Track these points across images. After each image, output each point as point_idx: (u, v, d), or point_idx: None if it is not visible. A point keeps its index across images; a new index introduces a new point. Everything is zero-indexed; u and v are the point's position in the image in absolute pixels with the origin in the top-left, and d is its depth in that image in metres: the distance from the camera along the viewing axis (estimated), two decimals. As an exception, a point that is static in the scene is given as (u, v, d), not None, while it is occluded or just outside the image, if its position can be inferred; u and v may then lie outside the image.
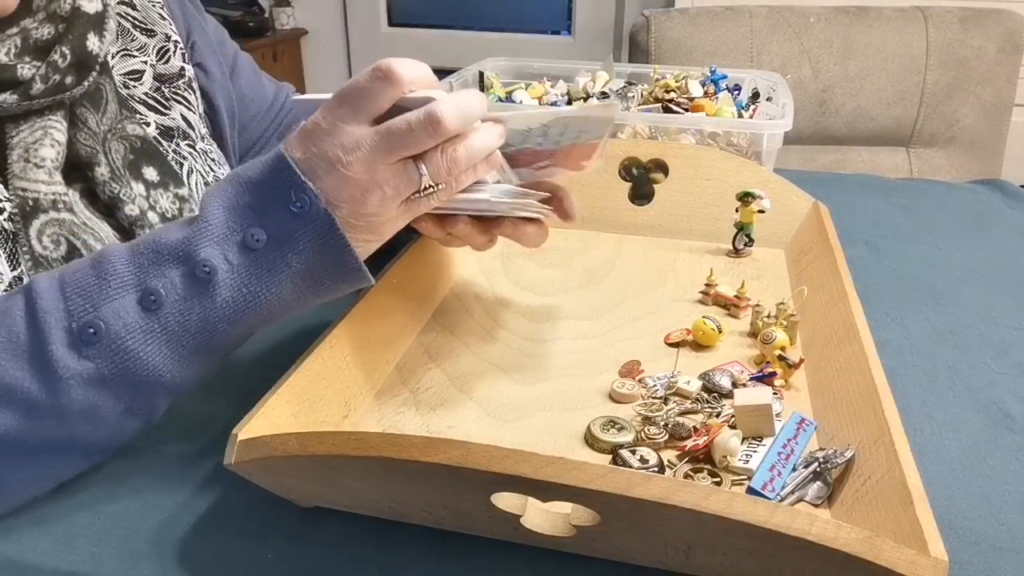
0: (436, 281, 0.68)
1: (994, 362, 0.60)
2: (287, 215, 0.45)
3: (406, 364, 0.58)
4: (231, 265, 0.44)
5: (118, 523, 0.44)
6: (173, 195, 0.63)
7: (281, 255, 0.45)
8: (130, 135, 0.61)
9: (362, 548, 0.42)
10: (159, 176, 0.62)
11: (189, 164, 0.67)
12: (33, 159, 0.54)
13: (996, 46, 1.49)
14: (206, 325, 0.45)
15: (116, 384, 0.44)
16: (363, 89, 0.46)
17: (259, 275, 0.45)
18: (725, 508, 0.32)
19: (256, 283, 0.45)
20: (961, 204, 0.96)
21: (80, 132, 0.58)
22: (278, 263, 0.45)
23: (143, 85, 0.66)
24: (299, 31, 2.78)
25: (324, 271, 0.46)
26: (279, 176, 0.45)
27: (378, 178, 0.45)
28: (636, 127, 0.88)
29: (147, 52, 0.67)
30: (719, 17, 1.52)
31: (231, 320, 0.45)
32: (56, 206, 0.54)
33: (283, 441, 0.38)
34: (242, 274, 0.45)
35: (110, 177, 0.58)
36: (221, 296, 0.44)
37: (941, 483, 0.47)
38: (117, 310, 0.43)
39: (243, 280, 0.45)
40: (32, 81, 0.53)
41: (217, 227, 0.45)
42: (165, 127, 0.66)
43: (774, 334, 0.57)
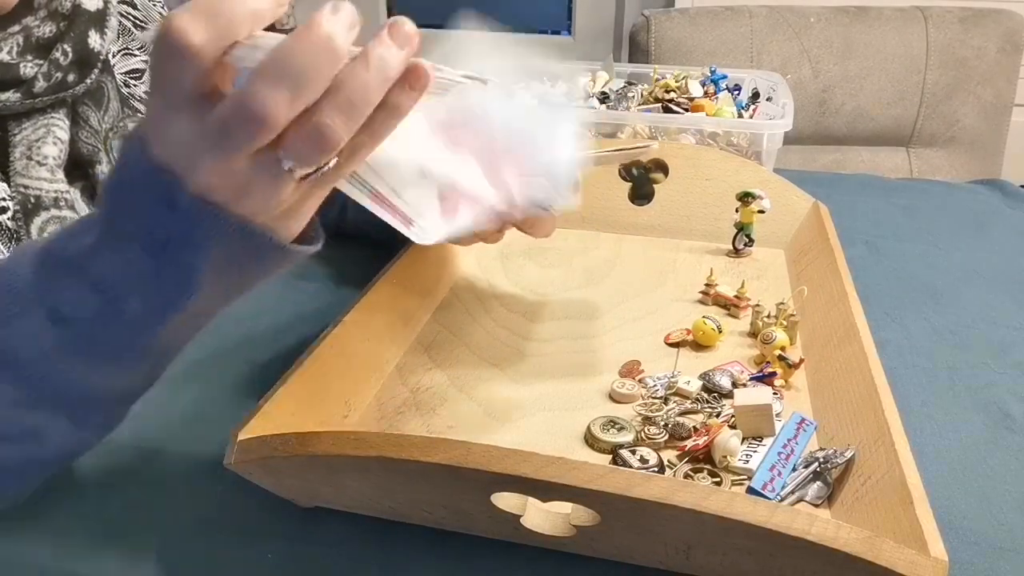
0: (436, 281, 0.68)
1: (994, 362, 0.60)
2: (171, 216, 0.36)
3: (406, 364, 0.58)
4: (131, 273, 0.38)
5: (118, 523, 0.44)
6: None
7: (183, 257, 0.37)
8: None
9: (362, 548, 0.42)
10: None
11: None
12: (36, 157, 0.54)
13: (996, 46, 1.49)
14: (124, 334, 0.39)
15: (46, 404, 0.39)
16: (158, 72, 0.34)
17: (166, 280, 0.38)
18: (725, 508, 0.32)
19: (165, 288, 0.38)
20: (961, 204, 0.96)
21: (82, 130, 0.58)
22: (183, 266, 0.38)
23: (144, 84, 0.67)
24: (299, 31, 2.78)
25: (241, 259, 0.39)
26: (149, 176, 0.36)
27: (239, 177, 0.35)
28: (636, 127, 0.88)
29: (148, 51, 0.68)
30: (719, 17, 1.52)
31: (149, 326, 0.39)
32: (58, 204, 0.55)
33: (283, 441, 0.38)
34: (148, 281, 0.38)
35: None
36: (131, 306, 0.38)
37: (941, 483, 0.47)
38: (26, 330, 0.38)
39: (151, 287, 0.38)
40: (35, 79, 0.53)
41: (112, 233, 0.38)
42: None
43: (774, 334, 0.57)
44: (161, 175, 0.35)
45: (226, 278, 0.40)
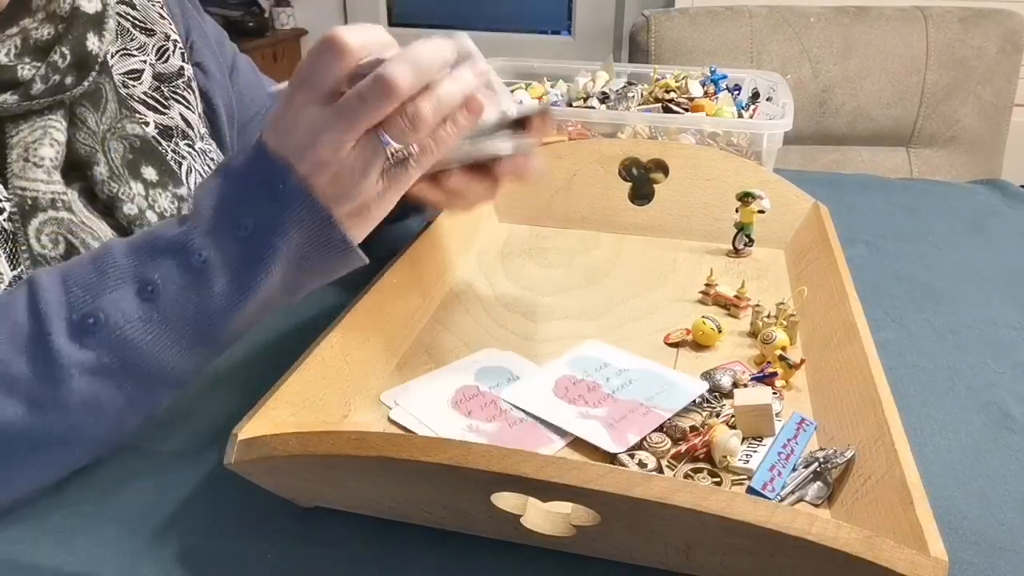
0: (436, 281, 0.68)
1: (994, 362, 0.60)
2: (268, 201, 0.45)
3: (406, 364, 0.58)
4: (224, 254, 0.45)
5: (118, 523, 0.44)
6: (172, 195, 0.63)
7: (268, 241, 0.45)
8: (129, 134, 0.62)
9: (362, 548, 0.42)
10: (158, 176, 0.62)
11: (188, 163, 0.67)
12: (32, 158, 0.54)
13: (996, 46, 1.49)
14: (204, 313, 0.45)
15: (117, 374, 0.44)
16: (313, 66, 0.44)
17: (250, 262, 0.45)
18: (725, 508, 0.32)
19: (249, 270, 0.45)
20: (961, 204, 0.96)
21: (79, 132, 0.58)
22: (266, 249, 0.45)
23: (142, 84, 0.66)
24: (299, 31, 2.78)
25: (313, 252, 0.46)
26: (258, 164, 0.45)
27: (344, 157, 0.44)
28: (636, 127, 0.88)
29: (146, 51, 0.68)
30: (719, 17, 1.52)
31: (227, 307, 0.45)
32: (55, 205, 0.55)
33: (283, 441, 0.38)
34: (235, 262, 0.45)
35: (108, 176, 0.58)
36: (217, 285, 0.45)
37: (941, 483, 0.47)
38: (116, 301, 0.44)
39: (236, 268, 0.45)
40: (32, 81, 0.53)
41: (208, 219, 0.45)
42: (164, 126, 0.67)
43: (774, 334, 0.57)
44: (271, 161, 0.45)
45: (295, 269, 0.46)
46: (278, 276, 0.46)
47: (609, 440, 0.48)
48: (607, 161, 0.81)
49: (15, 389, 0.42)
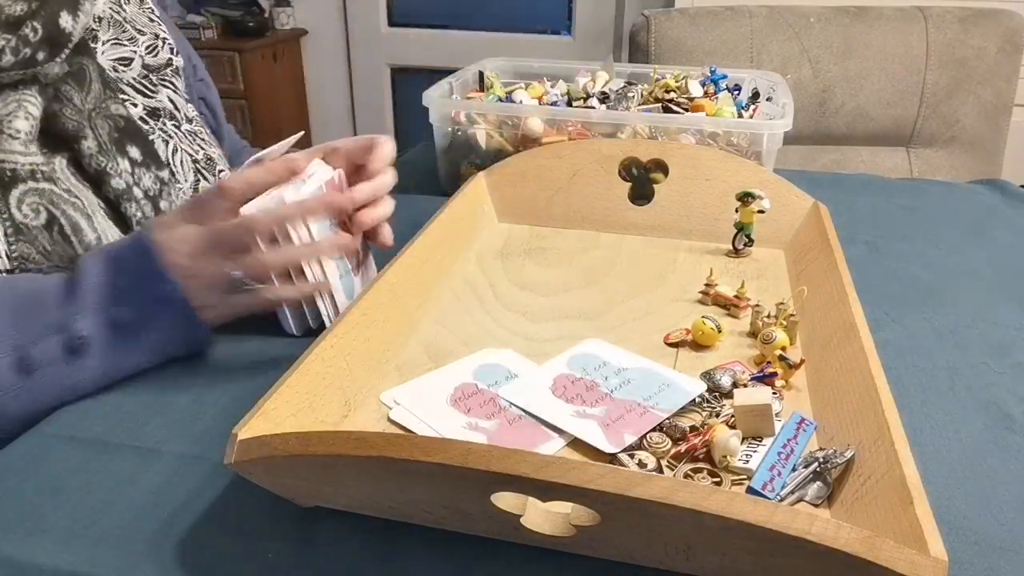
0: (436, 281, 0.68)
1: (994, 362, 0.60)
2: (152, 302, 0.54)
3: (406, 364, 0.58)
4: (101, 339, 0.53)
5: (118, 523, 0.44)
6: (154, 176, 0.66)
7: (144, 333, 0.54)
8: (114, 114, 0.64)
9: (362, 548, 0.42)
10: (142, 156, 0.65)
11: (175, 143, 0.70)
12: (7, 130, 0.57)
13: (996, 46, 1.49)
14: (69, 386, 0.53)
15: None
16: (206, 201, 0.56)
17: (123, 348, 0.54)
18: (725, 508, 0.32)
19: (121, 355, 0.54)
20: (961, 204, 0.96)
21: (66, 108, 0.60)
22: (141, 340, 0.54)
23: (132, 71, 0.69)
24: (299, 31, 2.78)
25: (177, 343, 0.57)
26: (147, 264, 0.54)
27: (196, 269, 0.54)
28: (636, 127, 0.88)
29: (136, 44, 0.71)
30: (719, 17, 1.52)
31: (93, 382, 0.53)
32: (35, 176, 0.58)
33: (283, 441, 0.38)
34: (108, 346, 0.53)
35: (97, 151, 0.61)
36: (89, 363, 0.52)
37: (941, 483, 0.47)
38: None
39: (108, 351, 0.53)
40: (2, 52, 0.55)
41: (92, 302, 0.53)
42: (152, 108, 0.70)
43: (774, 334, 0.57)
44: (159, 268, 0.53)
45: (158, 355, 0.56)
46: (143, 360, 0.56)
47: (604, 440, 0.48)
48: (607, 161, 0.81)
49: None
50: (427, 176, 1.01)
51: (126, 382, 0.56)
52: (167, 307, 0.54)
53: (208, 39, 2.54)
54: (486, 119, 0.92)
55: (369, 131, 2.94)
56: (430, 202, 0.79)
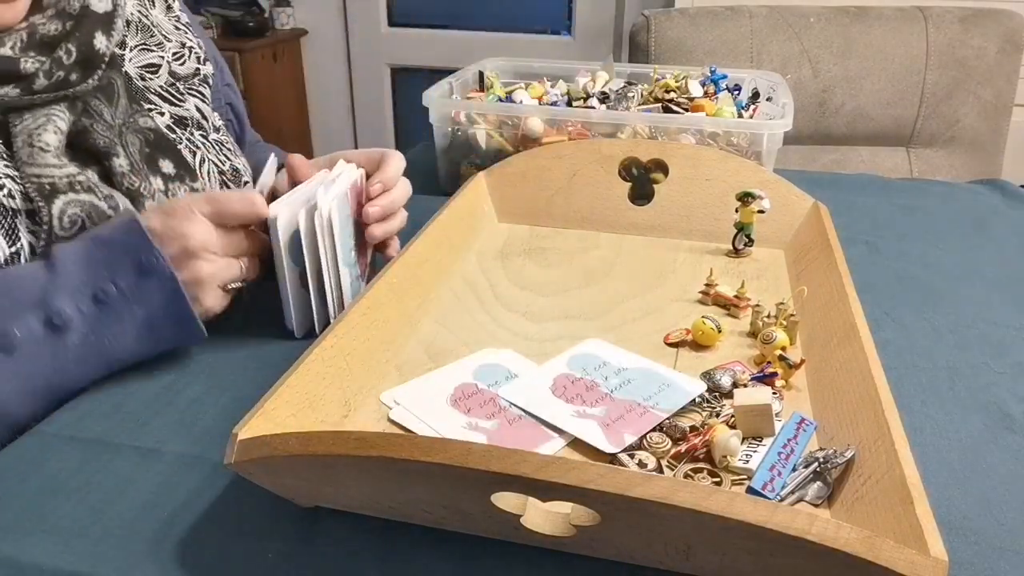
0: (436, 281, 0.68)
1: (994, 362, 0.60)
2: (135, 272, 0.52)
3: (406, 364, 0.58)
4: (83, 314, 0.51)
5: (118, 523, 0.44)
6: (189, 188, 0.65)
7: (127, 308, 0.52)
8: (143, 128, 0.63)
9: (362, 548, 0.42)
10: (175, 169, 0.64)
11: (202, 154, 0.69)
12: (37, 144, 0.55)
13: (996, 46, 1.49)
14: (56, 366, 0.51)
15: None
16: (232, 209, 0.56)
17: (106, 324, 0.52)
18: (725, 508, 0.32)
19: (103, 331, 0.52)
20: (961, 204, 0.96)
21: (97, 123, 0.59)
22: (124, 315, 0.52)
23: (159, 78, 0.68)
24: (299, 31, 2.78)
25: (164, 323, 0.54)
26: (131, 238, 0.52)
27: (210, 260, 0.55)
28: (636, 127, 0.88)
29: (164, 50, 0.70)
30: (719, 17, 1.52)
31: (77, 363, 0.52)
32: (74, 187, 0.56)
33: (283, 441, 0.38)
34: (92, 322, 0.51)
35: (129, 170, 0.60)
36: (72, 341, 0.51)
37: (941, 483, 0.47)
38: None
39: (92, 327, 0.51)
40: (35, 76, 0.54)
41: (71, 279, 0.51)
42: (179, 117, 0.68)
43: (774, 334, 0.57)
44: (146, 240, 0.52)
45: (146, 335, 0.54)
46: (130, 339, 0.53)
47: (604, 440, 0.48)
48: (607, 161, 0.81)
49: None
50: (427, 176, 1.01)
51: (126, 382, 0.56)
52: (150, 277, 0.52)
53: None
54: (486, 119, 0.92)
55: (369, 131, 2.94)
56: (430, 202, 0.79)
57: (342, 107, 2.89)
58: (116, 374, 0.57)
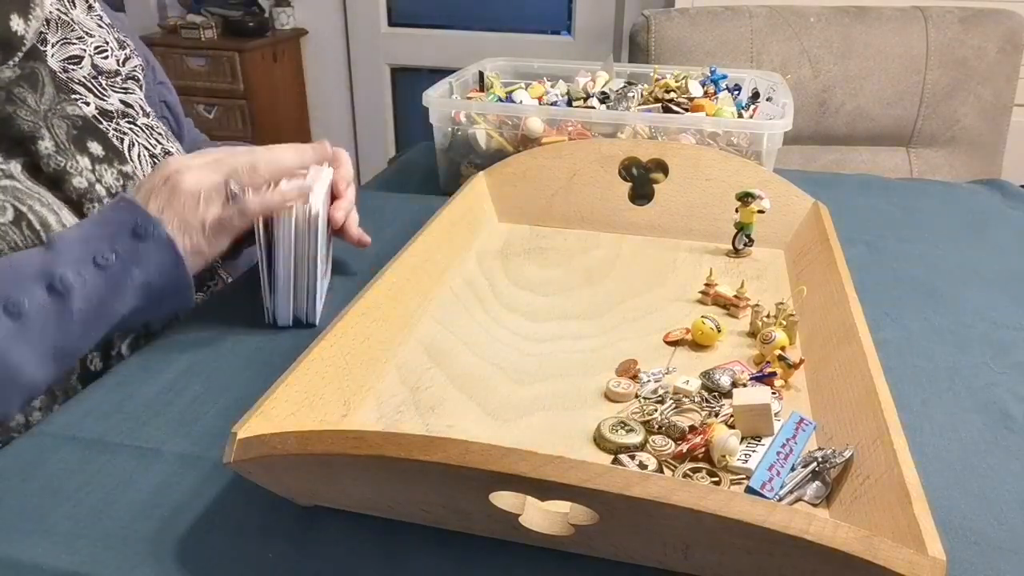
0: (436, 281, 0.68)
1: (994, 362, 0.60)
2: (130, 238, 0.55)
3: (406, 364, 0.58)
4: (84, 279, 0.53)
5: (118, 523, 0.44)
6: (117, 171, 0.65)
7: (126, 271, 0.55)
8: (70, 115, 0.64)
9: (362, 548, 0.42)
10: (103, 151, 0.65)
11: (130, 139, 0.69)
12: None
13: (996, 46, 1.49)
14: (62, 329, 0.53)
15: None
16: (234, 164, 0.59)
17: (107, 287, 0.54)
18: (723, 507, 0.32)
19: (104, 294, 0.54)
20: (961, 204, 0.96)
21: (20, 109, 0.60)
22: (123, 278, 0.55)
23: (82, 69, 0.69)
24: (299, 31, 2.78)
25: (161, 285, 0.57)
26: (125, 211, 0.56)
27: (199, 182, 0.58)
28: (636, 127, 0.88)
29: (86, 43, 0.70)
30: (719, 17, 1.52)
31: (82, 325, 0.54)
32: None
33: (282, 440, 0.38)
34: (92, 287, 0.53)
35: (55, 150, 0.60)
36: (76, 305, 0.53)
37: (941, 483, 0.47)
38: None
39: (94, 290, 0.54)
40: None
41: (72, 251, 0.54)
42: (103, 109, 0.69)
43: (773, 334, 0.57)
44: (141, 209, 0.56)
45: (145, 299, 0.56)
46: (131, 303, 0.56)
47: None
48: (607, 161, 0.81)
49: None
50: (427, 176, 1.01)
51: (126, 382, 0.56)
52: (146, 240, 0.55)
53: (208, 39, 2.54)
54: (486, 119, 0.92)
55: (369, 131, 2.94)
56: (430, 202, 0.79)
57: (342, 107, 2.89)
58: (116, 374, 0.57)
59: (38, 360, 0.52)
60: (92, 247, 0.54)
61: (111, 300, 0.55)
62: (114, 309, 0.55)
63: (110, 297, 0.54)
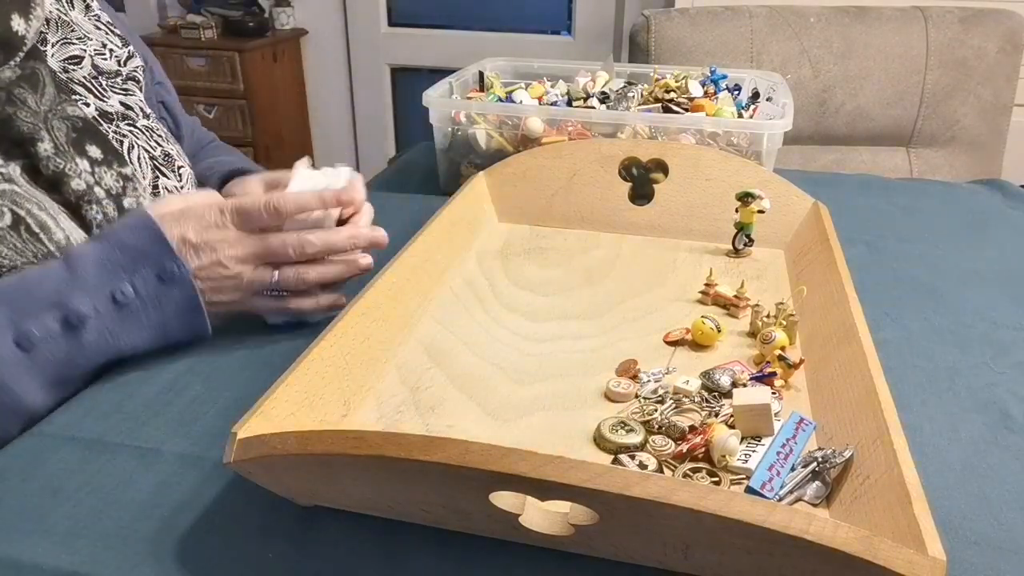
0: (436, 281, 0.68)
1: (994, 362, 0.60)
2: (155, 280, 0.54)
3: (406, 364, 0.58)
4: (99, 313, 0.53)
5: (118, 523, 0.44)
6: (117, 173, 0.65)
7: (144, 311, 0.55)
8: (71, 115, 0.64)
9: (362, 548, 0.42)
10: (103, 154, 0.64)
11: (130, 141, 0.69)
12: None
13: (996, 46, 1.49)
14: (70, 361, 0.53)
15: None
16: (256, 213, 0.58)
17: (122, 325, 0.54)
18: (723, 507, 0.32)
19: (118, 330, 0.54)
20: (961, 204, 0.96)
21: (20, 110, 0.60)
22: (140, 317, 0.55)
23: (83, 69, 0.68)
24: (299, 31, 2.78)
25: (177, 329, 0.57)
26: (154, 246, 0.55)
27: (242, 272, 0.57)
28: (636, 127, 0.88)
29: (86, 44, 0.70)
30: (719, 17, 1.52)
31: (90, 358, 0.54)
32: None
33: (282, 440, 0.38)
34: (107, 322, 0.53)
35: (54, 152, 0.60)
36: (87, 339, 0.53)
37: (941, 483, 0.47)
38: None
39: (107, 327, 0.53)
40: None
41: (89, 279, 0.53)
42: (103, 111, 0.68)
43: (773, 334, 0.57)
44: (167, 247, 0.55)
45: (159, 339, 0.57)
46: (141, 340, 0.56)
47: None
48: (607, 161, 0.81)
49: None
50: (427, 176, 1.01)
51: (126, 382, 0.56)
52: (171, 285, 0.55)
53: (208, 39, 2.54)
54: (486, 119, 0.92)
55: (369, 131, 2.94)
56: (430, 202, 0.79)
57: (342, 107, 2.89)
58: (116, 374, 0.57)
59: (39, 390, 0.52)
60: (111, 277, 0.54)
61: (123, 335, 0.55)
62: (125, 343, 0.55)
63: (123, 332, 0.54)
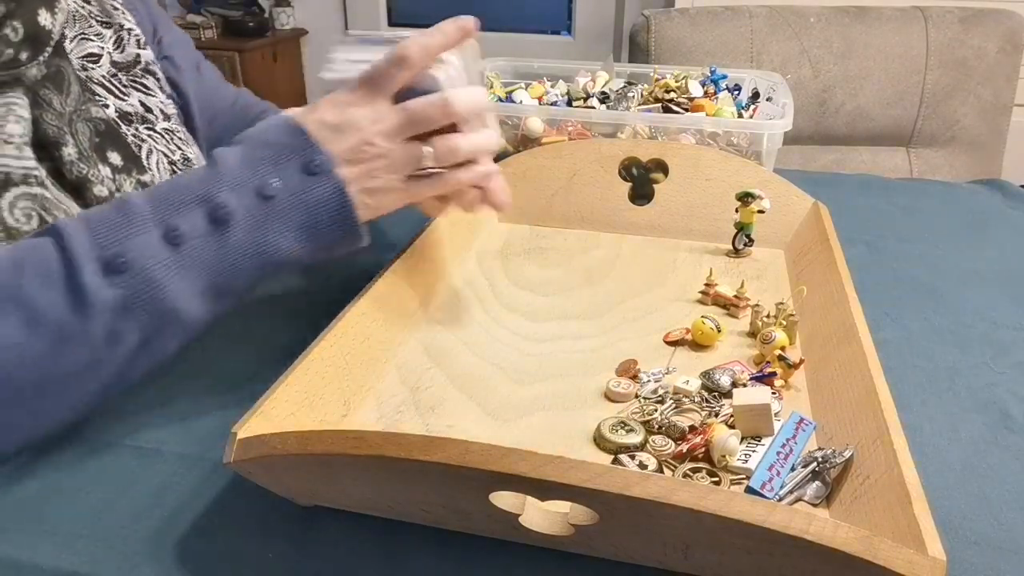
0: (436, 281, 0.68)
1: (994, 362, 0.60)
2: (301, 172, 0.50)
3: (406, 364, 0.58)
4: (246, 208, 0.49)
5: (118, 523, 0.44)
6: (136, 181, 0.65)
7: (291, 206, 0.50)
8: (94, 117, 0.63)
9: (362, 548, 0.42)
10: (123, 161, 0.64)
11: (148, 146, 0.69)
12: (1, 135, 0.55)
13: (996, 46, 1.49)
14: (221, 263, 0.49)
15: (139, 312, 0.46)
16: (385, 73, 0.52)
17: (268, 221, 0.49)
18: (723, 507, 0.32)
19: (265, 228, 0.49)
20: (961, 204, 0.96)
21: (46, 113, 0.59)
22: (287, 212, 0.50)
23: (101, 68, 0.68)
24: (299, 31, 2.78)
25: (327, 227, 0.51)
26: (295, 138, 0.50)
27: (392, 149, 0.52)
28: (636, 127, 0.88)
29: (104, 39, 0.69)
30: (719, 17, 1.52)
31: (241, 261, 0.49)
32: (27, 180, 0.56)
33: (282, 440, 0.38)
34: (255, 218, 0.49)
35: (78, 157, 0.60)
36: (235, 237, 0.49)
37: (941, 483, 0.47)
38: (142, 244, 0.47)
39: (255, 224, 0.49)
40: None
41: (232, 175, 0.49)
42: (123, 112, 0.68)
43: (773, 334, 0.57)
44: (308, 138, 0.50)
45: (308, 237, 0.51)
46: (291, 239, 0.50)
47: None
48: (607, 161, 0.81)
49: (41, 323, 0.44)
50: (427, 176, 1.01)
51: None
52: (318, 179, 0.50)
53: (208, 39, 2.54)
54: (486, 119, 0.92)
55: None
56: (430, 202, 0.79)
57: (342, 107, 2.89)
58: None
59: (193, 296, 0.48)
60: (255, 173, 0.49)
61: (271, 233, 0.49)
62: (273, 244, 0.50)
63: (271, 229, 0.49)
